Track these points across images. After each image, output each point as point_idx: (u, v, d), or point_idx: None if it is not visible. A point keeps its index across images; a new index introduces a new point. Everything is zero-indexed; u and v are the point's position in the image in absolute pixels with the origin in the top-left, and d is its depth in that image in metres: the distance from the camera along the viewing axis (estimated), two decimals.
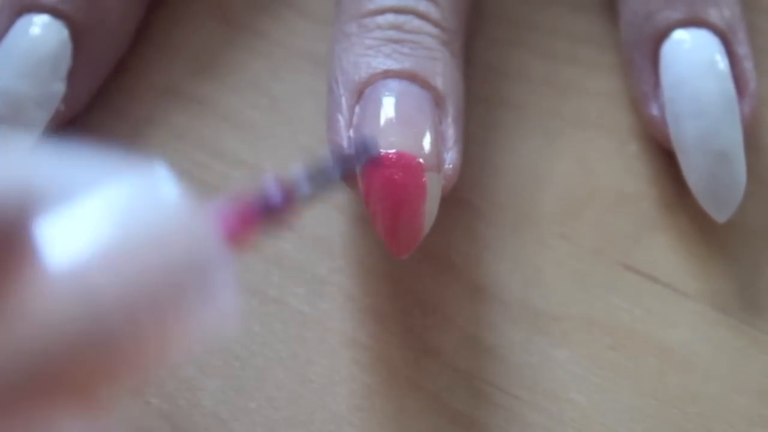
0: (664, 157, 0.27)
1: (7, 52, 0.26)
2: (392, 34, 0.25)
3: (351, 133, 0.24)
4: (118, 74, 0.29)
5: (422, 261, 0.26)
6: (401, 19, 0.25)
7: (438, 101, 0.24)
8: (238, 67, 0.29)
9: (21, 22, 0.26)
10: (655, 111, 0.26)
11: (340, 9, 0.26)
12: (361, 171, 0.23)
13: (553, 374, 0.24)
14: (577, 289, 0.25)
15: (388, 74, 0.24)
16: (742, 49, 0.26)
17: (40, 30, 0.26)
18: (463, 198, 0.27)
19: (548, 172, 0.27)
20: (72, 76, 0.26)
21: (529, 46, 0.29)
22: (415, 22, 0.25)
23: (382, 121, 0.23)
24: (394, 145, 0.23)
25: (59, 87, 0.26)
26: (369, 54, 0.25)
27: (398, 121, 0.23)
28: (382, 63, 0.24)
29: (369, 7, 0.25)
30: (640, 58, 0.27)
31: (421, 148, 0.23)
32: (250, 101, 0.28)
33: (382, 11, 0.25)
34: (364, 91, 0.24)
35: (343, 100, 0.24)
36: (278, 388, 0.24)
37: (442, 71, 0.25)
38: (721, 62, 0.25)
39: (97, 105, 0.28)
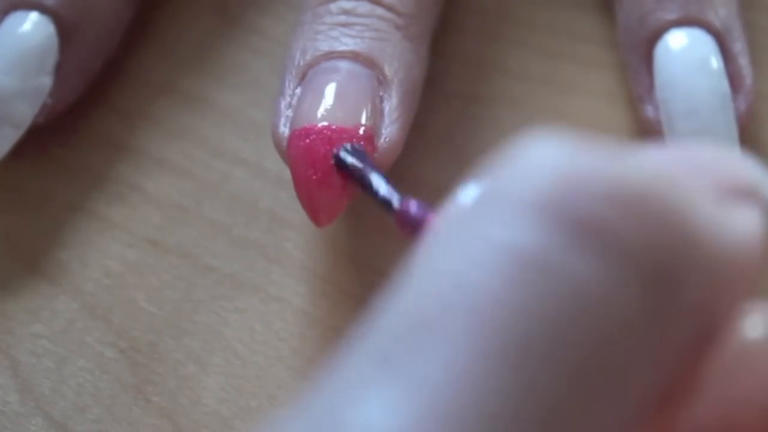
0: None
1: None
2: (342, 18, 0.25)
3: (289, 112, 0.24)
4: (119, 73, 0.29)
5: None
6: (352, 4, 0.25)
7: (381, 80, 0.24)
8: (238, 65, 0.29)
9: (8, 20, 0.26)
10: (650, 112, 0.26)
11: (303, 2, 0.27)
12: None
13: None
14: None
15: (331, 55, 0.24)
16: (737, 46, 0.26)
17: (26, 26, 0.26)
18: None
19: None
20: (59, 70, 0.26)
21: (529, 44, 0.29)
22: (366, 7, 0.25)
23: (315, 97, 0.24)
24: (323, 118, 0.23)
25: (46, 81, 0.26)
26: (317, 39, 0.25)
27: (330, 97, 0.24)
28: (327, 45, 0.25)
29: None
30: (636, 61, 0.27)
31: (347, 121, 0.23)
32: (251, 100, 0.28)
33: None
34: (306, 73, 0.25)
35: (287, 83, 0.25)
36: (279, 386, 0.24)
37: (391, 51, 0.25)
38: (715, 60, 0.25)
39: (99, 104, 0.28)
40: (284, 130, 0.24)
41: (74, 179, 0.27)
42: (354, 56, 0.24)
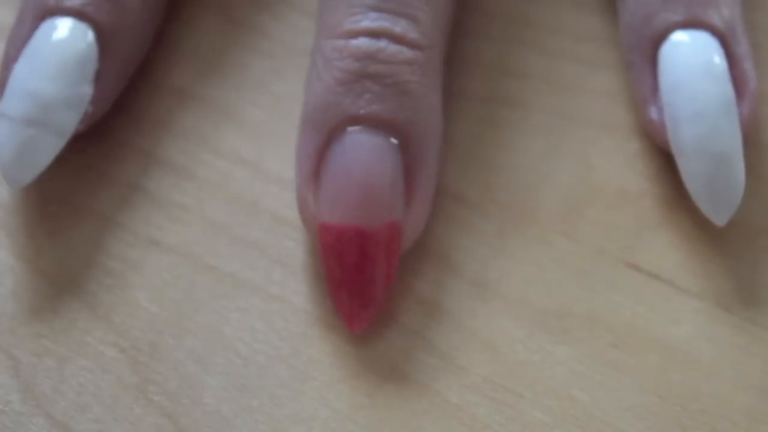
0: (666, 155, 0.27)
1: (34, 55, 0.26)
2: (364, 65, 0.25)
3: (314, 185, 0.24)
4: None
5: (424, 259, 0.26)
6: (375, 45, 0.25)
7: (407, 146, 0.24)
8: (240, 65, 0.29)
9: (45, 26, 0.26)
10: (653, 114, 0.26)
11: (320, 20, 0.26)
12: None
13: (554, 372, 0.24)
14: (578, 286, 0.25)
15: (355, 120, 0.24)
16: (741, 49, 0.26)
17: (66, 33, 0.26)
18: (464, 196, 0.27)
19: (549, 170, 0.27)
20: (99, 78, 0.26)
21: (531, 44, 0.29)
22: (390, 49, 0.25)
23: (343, 187, 0.24)
24: (352, 217, 0.23)
25: (87, 89, 0.26)
26: (339, 92, 0.24)
27: (357, 190, 0.24)
28: (352, 105, 0.24)
29: (345, 27, 0.25)
30: (639, 61, 0.27)
31: (376, 218, 0.23)
32: (252, 100, 0.28)
33: (357, 34, 0.25)
34: (331, 137, 0.24)
35: (312, 145, 0.24)
36: (280, 385, 0.24)
37: (414, 105, 0.24)
38: (720, 64, 0.25)
39: None
40: (315, 209, 0.24)
41: (75, 178, 0.27)
42: (379, 123, 0.24)
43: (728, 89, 0.25)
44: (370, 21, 0.25)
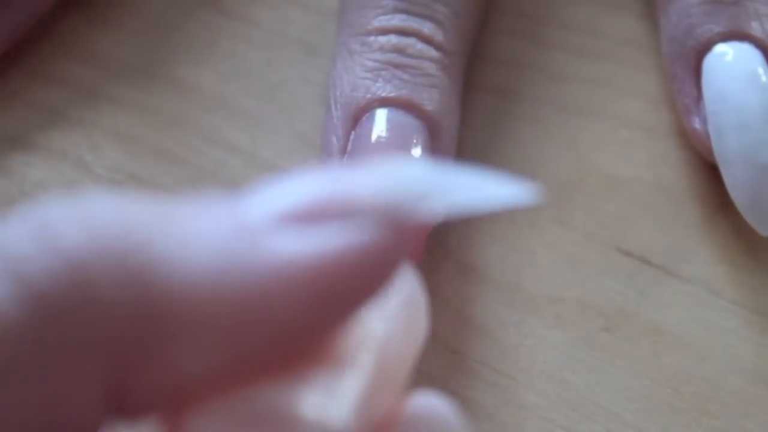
0: (655, 142, 0.27)
1: None
2: (394, 57, 0.25)
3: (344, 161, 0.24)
4: (112, 63, 0.29)
5: None
6: (404, 41, 0.25)
7: (431, 131, 0.25)
8: (233, 55, 0.29)
9: None
10: (697, 124, 0.26)
11: (345, 21, 0.26)
12: None
13: (547, 356, 0.24)
14: (570, 271, 0.26)
15: (384, 102, 0.24)
16: None
17: None
18: None
19: (540, 158, 0.27)
20: None
21: (521, 33, 0.29)
22: (418, 46, 0.25)
23: (365, 154, 0.24)
24: None
25: None
26: (368, 77, 0.25)
27: (381, 155, 0.24)
28: (381, 89, 0.24)
29: (374, 25, 0.25)
30: (682, 72, 0.27)
31: None
32: (245, 89, 0.28)
33: (386, 31, 0.25)
34: (360, 117, 0.24)
35: (340, 123, 0.25)
36: None
37: (439, 99, 0.25)
38: (764, 75, 0.25)
39: (92, 94, 0.28)
40: None
41: (70, 168, 0.27)
42: (407, 105, 0.24)
43: None
44: (399, 21, 0.25)
